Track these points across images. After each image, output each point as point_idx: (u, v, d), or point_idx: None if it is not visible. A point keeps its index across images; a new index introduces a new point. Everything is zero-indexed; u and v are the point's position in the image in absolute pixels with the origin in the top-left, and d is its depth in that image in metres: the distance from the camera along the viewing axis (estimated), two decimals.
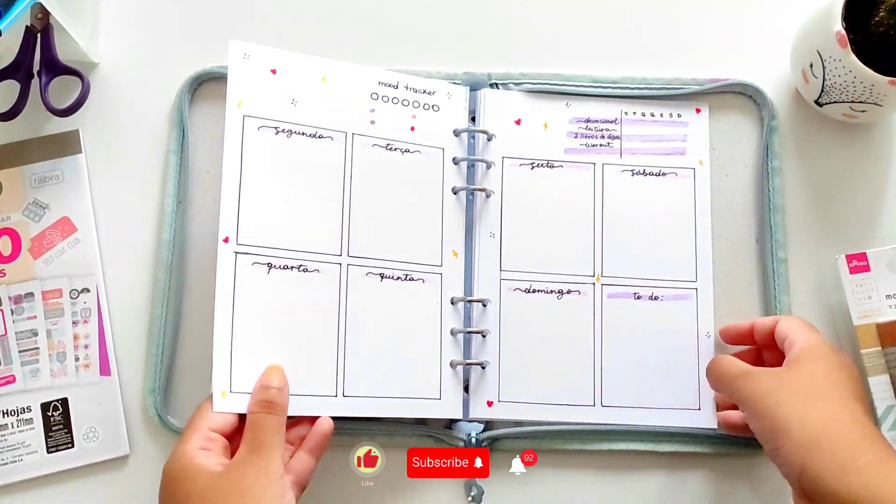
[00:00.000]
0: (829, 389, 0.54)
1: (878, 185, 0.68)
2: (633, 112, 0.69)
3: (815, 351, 0.56)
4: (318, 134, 0.63)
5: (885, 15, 0.60)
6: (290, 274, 0.61)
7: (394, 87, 0.66)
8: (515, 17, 0.71)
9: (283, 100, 0.63)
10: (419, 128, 0.66)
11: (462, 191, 0.66)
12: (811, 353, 0.56)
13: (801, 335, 0.58)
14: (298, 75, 0.64)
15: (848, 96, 0.62)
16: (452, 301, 0.64)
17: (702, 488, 0.63)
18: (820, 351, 0.56)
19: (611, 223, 0.66)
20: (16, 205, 0.66)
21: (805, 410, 0.52)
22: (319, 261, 0.61)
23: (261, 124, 0.62)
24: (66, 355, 0.64)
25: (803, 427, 0.52)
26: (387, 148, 0.64)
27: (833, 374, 0.55)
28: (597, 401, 0.63)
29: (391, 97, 0.66)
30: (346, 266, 0.62)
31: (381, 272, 0.63)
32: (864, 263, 0.64)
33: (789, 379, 0.55)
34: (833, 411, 0.53)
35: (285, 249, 0.61)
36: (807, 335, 0.58)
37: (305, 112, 0.63)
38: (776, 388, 0.54)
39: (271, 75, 0.63)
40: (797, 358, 0.56)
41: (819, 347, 0.57)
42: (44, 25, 0.66)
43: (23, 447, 0.63)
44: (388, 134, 0.65)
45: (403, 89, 0.66)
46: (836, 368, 0.55)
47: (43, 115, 0.67)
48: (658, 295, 0.65)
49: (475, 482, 0.62)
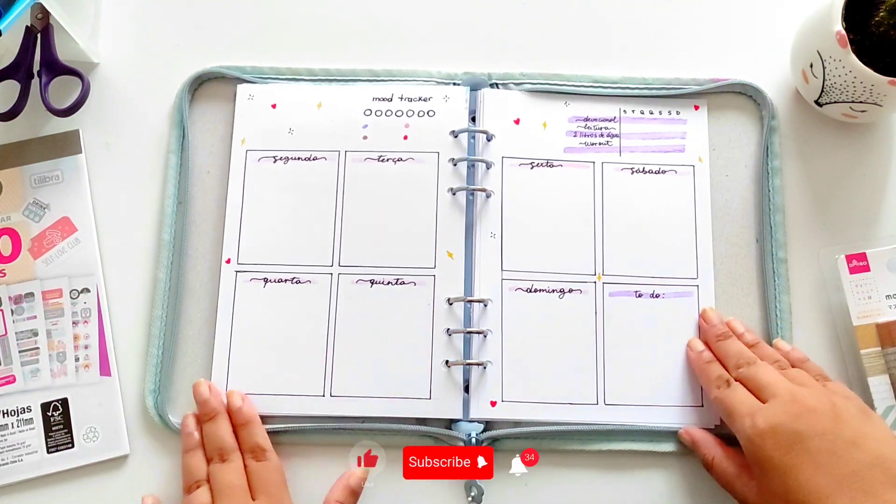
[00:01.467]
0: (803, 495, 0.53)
1: (878, 185, 0.68)
2: (631, 110, 0.69)
3: (758, 459, 0.55)
4: (312, 157, 0.67)
5: (885, 15, 0.60)
6: (284, 286, 0.65)
7: (387, 100, 0.68)
8: (515, 17, 0.72)
9: (282, 131, 0.68)
10: (412, 136, 0.67)
11: (461, 191, 0.66)
12: (759, 464, 0.55)
13: (739, 433, 0.57)
14: (296, 105, 0.68)
15: (848, 96, 0.62)
16: (450, 301, 0.64)
17: (702, 488, 0.63)
18: (761, 456, 0.55)
19: (611, 221, 0.66)
20: (16, 205, 0.66)
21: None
22: (311, 272, 0.65)
23: (261, 156, 0.67)
24: (66, 355, 0.64)
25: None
26: (378, 160, 0.67)
27: (788, 479, 0.54)
28: (599, 399, 0.63)
29: (384, 110, 0.68)
30: (336, 276, 0.65)
31: (371, 278, 0.65)
32: (864, 263, 0.64)
33: (767, 497, 0.55)
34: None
35: (280, 265, 0.65)
36: (744, 432, 0.56)
37: (301, 139, 0.67)
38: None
39: (271, 110, 0.68)
40: (755, 471, 0.56)
41: (759, 453, 0.55)
42: (44, 25, 0.66)
43: (23, 447, 0.63)
44: (381, 146, 0.67)
45: (397, 100, 0.68)
46: (788, 470, 0.54)
47: (43, 115, 0.67)
48: (659, 293, 0.65)
49: (475, 482, 0.62)
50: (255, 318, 0.64)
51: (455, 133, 0.67)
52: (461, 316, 0.64)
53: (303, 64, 0.69)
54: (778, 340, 0.63)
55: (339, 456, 0.63)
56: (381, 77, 0.69)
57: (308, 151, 0.67)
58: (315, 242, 0.65)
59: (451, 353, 0.64)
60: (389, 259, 0.65)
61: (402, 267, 0.65)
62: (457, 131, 0.67)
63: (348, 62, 0.70)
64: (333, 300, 0.64)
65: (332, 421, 0.63)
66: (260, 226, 0.66)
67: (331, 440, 0.63)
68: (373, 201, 0.66)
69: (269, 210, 0.66)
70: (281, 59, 0.70)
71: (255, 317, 0.64)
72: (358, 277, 0.65)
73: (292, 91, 0.68)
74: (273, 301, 0.64)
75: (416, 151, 0.67)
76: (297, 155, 0.67)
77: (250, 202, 0.66)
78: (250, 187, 0.66)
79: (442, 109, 0.68)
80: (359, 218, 0.66)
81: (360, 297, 0.64)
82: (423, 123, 0.67)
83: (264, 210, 0.66)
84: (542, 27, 0.71)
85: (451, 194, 0.66)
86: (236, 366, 0.63)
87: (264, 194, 0.66)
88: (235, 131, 0.67)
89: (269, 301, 0.64)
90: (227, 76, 0.68)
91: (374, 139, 0.67)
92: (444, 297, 0.64)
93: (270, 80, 0.69)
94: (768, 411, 0.55)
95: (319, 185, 0.66)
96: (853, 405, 0.56)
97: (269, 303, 0.64)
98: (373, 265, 0.65)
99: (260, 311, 0.64)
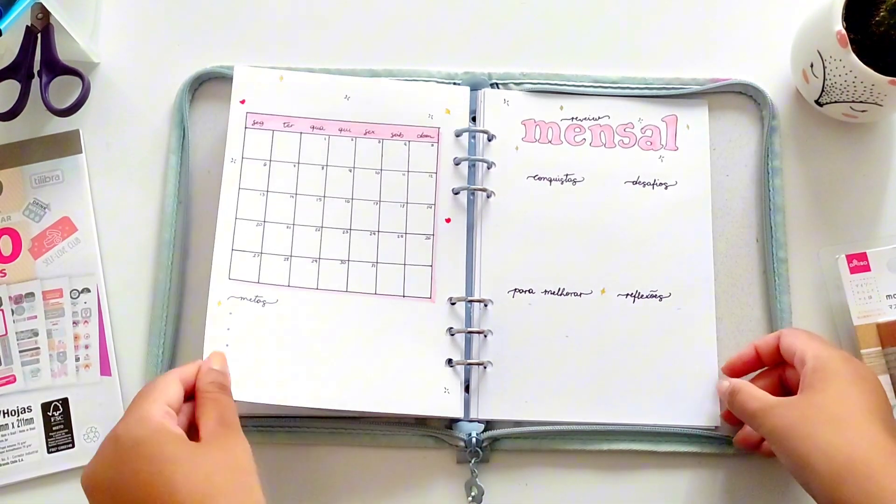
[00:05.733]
0: (847, 414, 0.53)
1: (878, 185, 0.68)
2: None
3: (827, 369, 0.55)
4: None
5: (885, 15, 0.60)
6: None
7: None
8: (516, 17, 0.72)
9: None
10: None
11: (463, 191, 0.66)
12: (823, 372, 0.55)
13: (809, 351, 0.56)
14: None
15: (848, 96, 0.62)
16: (452, 301, 0.64)
17: (702, 488, 0.63)
18: (832, 367, 0.55)
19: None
20: (16, 205, 0.66)
21: (827, 442, 0.52)
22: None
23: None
24: (67, 355, 0.64)
25: (828, 461, 0.51)
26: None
27: (849, 394, 0.54)
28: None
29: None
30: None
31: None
32: (865, 263, 0.64)
33: (807, 409, 0.54)
34: (856, 439, 0.52)
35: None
36: (815, 350, 0.56)
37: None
38: (795, 422, 0.53)
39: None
40: (811, 382, 0.55)
41: (830, 363, 0.55)
42: (44, 25, 0.66)
43: (23, 447, 0.63)
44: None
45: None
46: (851, 385, 0.54)
47: (43, 115, 0.67)
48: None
49: (475, 482, 0.62)
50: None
51: (457, 133, 0.67)
52: (463, 316, 0.64)
53: (303, 64, 0.69)
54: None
55: (339, 455, 0.63)
56: (381, 77, 0.69)
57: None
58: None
59: (454, 353, 0.63)
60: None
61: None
62: (458, 131, 0.67)
63: (348, 62, 0.70)
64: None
65: (331, 421, 0.63)
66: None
67: (330, 440, 0.63)
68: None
69: (270, 239, 0.65)
70: (281, 59, 0.70)
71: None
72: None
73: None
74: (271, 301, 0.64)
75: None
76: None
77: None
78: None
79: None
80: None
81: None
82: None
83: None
84: (542, 27, 0.71)
85: (454, 194, 0.66)
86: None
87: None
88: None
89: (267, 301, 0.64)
90: (227, 76, 0.68)
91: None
92: (447, 298, 0.64)
93: None
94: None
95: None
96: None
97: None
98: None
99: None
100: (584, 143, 0.68)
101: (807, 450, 0.52)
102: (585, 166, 0.67)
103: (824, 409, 0.53)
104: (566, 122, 0.68)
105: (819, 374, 0.55)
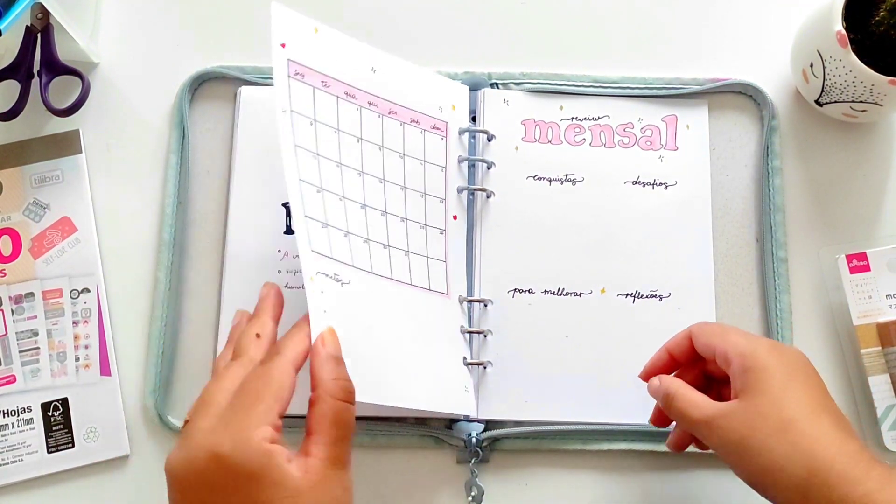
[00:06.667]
0: (795, 417, 0.50)
1: (878, 185, 0.68)
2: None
3: (756, 367, 0.52)
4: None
5: (885, 15, 0.60)
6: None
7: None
8: (516, 17, 0.72)
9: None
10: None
11: (463, 191, 0.66)
12: (754, 371, 0.52)
13: (730, 348, 0.53)
14: None
15: (848, 96, 0.62)
16: (460, 300, 0.64)
17: (702, 488, 0.63)
18: (760, 363, 0.52)
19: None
20: (16, 205, 0.66)
21: (785, 457, 0.49)
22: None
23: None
24: (67, 355, 0.64)
25: (788, 477, 0.49)
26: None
27: (790, 393, 0.51)
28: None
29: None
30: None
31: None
32: (865, 263, 0.64)
33: (753, 418, 0.51)
34: (811, 447, 0.49)
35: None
36: (736, 346, 0.53)
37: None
38: (744, 435, 0.50)
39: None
40: (745, 384, 0.52)
41: (757, 359, 0.52)
42: (44, 25, 0.66)
43: (23, 447, 0.63)
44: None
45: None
46: (789, 380, 0.52)
47: (43, 115, 0.67)
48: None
49: (475, 482, 0.62)
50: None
51: (459, 132, 0.67)
52: (466, 316, 0.64)
53: None
54: None
55: None
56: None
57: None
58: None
59: (466, 351, 0.63)
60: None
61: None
62: (460, 130, 0.67)
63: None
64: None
65: None
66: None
67: None
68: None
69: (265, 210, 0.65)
70: None
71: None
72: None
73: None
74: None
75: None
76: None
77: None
78: None
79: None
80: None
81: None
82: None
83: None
84: (542, 27, 0.71)
85: (458, 193, 0.66)
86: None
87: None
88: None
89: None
90: (227, 76, 0.68)
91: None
92: (456, 296, 0.64)
93: (271, 81, 0.69)
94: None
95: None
96: None
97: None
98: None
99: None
100: (583, 143, 0.68)
101: (762, 466, 0.50)
102: (585, 166, 0.67)
103: (769, 416, 0.50)
104: (566, 122, 0.68)
105: (751, 374, 0.52)
